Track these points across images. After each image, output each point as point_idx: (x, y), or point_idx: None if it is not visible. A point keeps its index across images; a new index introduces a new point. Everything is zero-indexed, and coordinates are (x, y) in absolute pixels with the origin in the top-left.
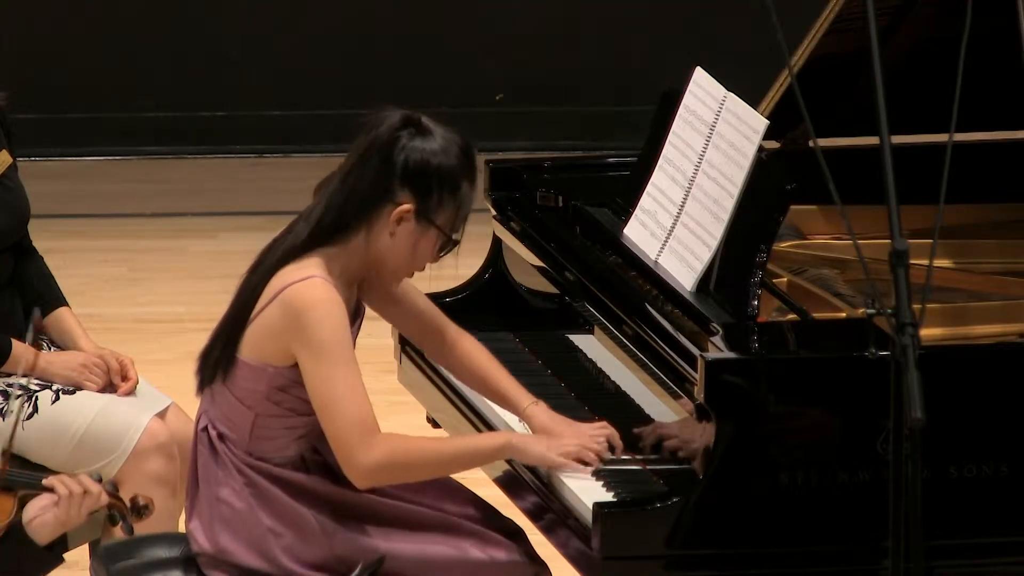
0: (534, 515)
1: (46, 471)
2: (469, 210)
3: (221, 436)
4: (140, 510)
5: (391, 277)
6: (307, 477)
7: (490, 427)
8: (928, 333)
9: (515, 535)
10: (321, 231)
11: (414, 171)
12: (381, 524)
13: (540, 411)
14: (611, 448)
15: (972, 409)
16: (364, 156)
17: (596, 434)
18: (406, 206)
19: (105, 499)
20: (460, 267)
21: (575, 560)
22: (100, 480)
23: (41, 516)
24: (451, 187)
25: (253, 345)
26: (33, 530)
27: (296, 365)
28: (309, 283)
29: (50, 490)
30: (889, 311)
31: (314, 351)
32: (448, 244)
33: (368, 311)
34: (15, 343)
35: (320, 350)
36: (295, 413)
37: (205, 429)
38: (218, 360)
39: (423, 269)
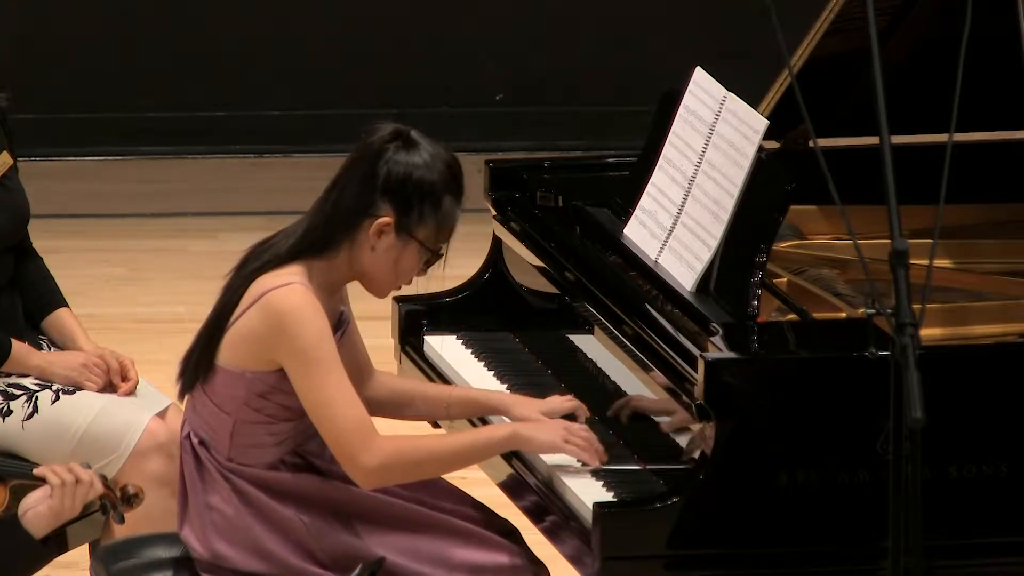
0: (534, 515)
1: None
2: (453, 225)
3: (203, 443)
4: (130, 499)
5: (376, 291)
6: (293, 477)
7: (486, 422)
8: (928, 333)
9: (511, 535)
10: (305, 245)
11: (395, 184)
12: (374, 524)
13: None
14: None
15: (972, 409)
16: (350, 169)
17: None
18: (386, 219)
19: (100, 487)
20: (460, 267)
21: (575, 560)
22: (89, 467)
23: (36, 508)
24: (432, 201)
25: (232, 350)
26: (28, 522)
27: (276, 370)
28: (289, 289)
29: (42, 480)
30: (889, 311)
31: (301, 359)
32: (433, 258)
33: (368, 312)
34: (15, 343)
35: (307, 357)
36: (275, 419)
37: (188, 437)
38: (198, 363)
39: (409, 283)
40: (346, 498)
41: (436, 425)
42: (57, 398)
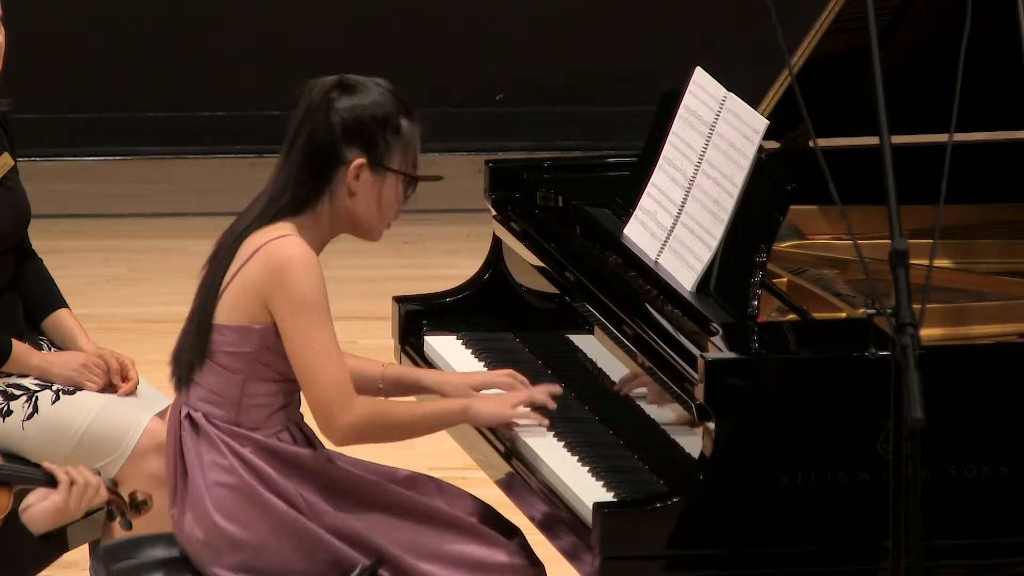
0: (534, 515)
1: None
2: (418, 144)
3: (206, 416)
4: (139, 506)
5: (369, 233)
6: (296, 448)
7: None
8: (928, 333)
9: (512, 534)
10: (283, 207)
11: (354, 127)
12: (375, 511)
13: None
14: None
15: (972, 409)
16: (303, 128)
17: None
18: (358, 161)
19: (104, 494)
20: (460, 267)
21: (575, 560)
22: (99, 474)
23: (38, 503)
24: (392, 129)
25: (235, 307)
26: (29, 518)
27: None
28: (288, 240)
29: (50, 481)
30: (889, 311)
31: (296, 308)
32: (411, 183)
33: (368, 312)
34: (15, 343)
35: (303, 307)
36: (284, 378)
37: (188, 416)
38: (192, 350)
39: (397, 217)
40: (349, 479)
41: None
42: (57, 398)
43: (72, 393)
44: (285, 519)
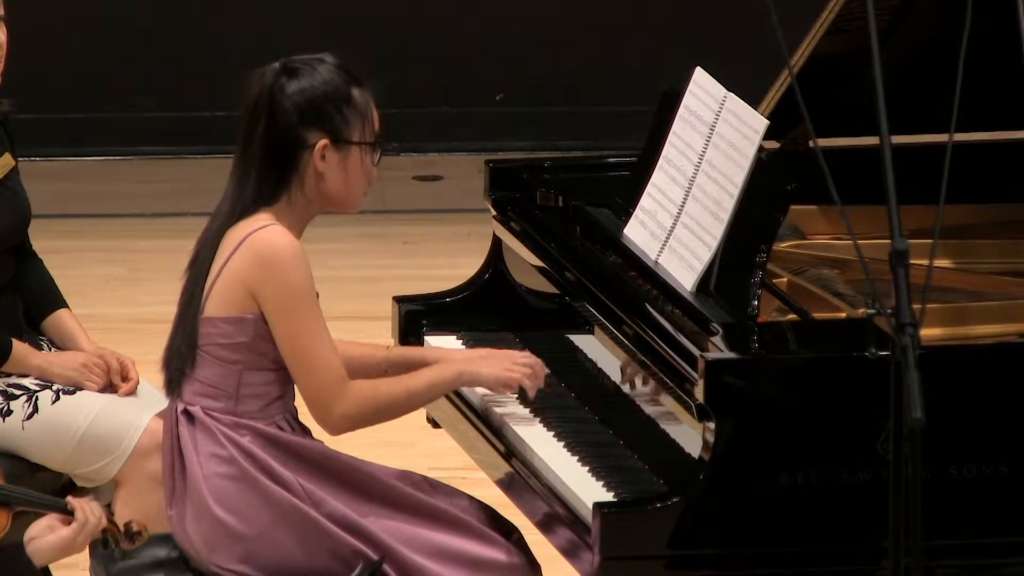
0: (533, 515)
1: (47, 488)
2: (373, 110)
3: (203, 409)
4: (133, 536)
5: (345, 207)
6: (294, 437)
7: (487, 422)
8: (928, 333)
9: (509, 534)
10: (254, 200)
11: (308, 109)
12: (374, 504)
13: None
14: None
15: (972, 409)
16: (256, 120)
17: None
18: (321, 142)
19: (104, 523)
20: (460, 267)
21: (575, 560)
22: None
23: (44, 537)
24: (345, 102)
25: (225, 299)
26: (34, 551)
27: None
28: (271, 229)
29: (62, 509)
30: (889, 311)
31: (285, 299)
32: (378, 149)
33: (368, 312)
34: (15, 343)
35: (291, 298)
36: (278, 366)
37: (184, 411)
38: (181, 356)
39: (372, 184)
40: (347, 470)
41: (436, 425)
42: (57, 398)
43: (72, 393)
44: (285, 507)
